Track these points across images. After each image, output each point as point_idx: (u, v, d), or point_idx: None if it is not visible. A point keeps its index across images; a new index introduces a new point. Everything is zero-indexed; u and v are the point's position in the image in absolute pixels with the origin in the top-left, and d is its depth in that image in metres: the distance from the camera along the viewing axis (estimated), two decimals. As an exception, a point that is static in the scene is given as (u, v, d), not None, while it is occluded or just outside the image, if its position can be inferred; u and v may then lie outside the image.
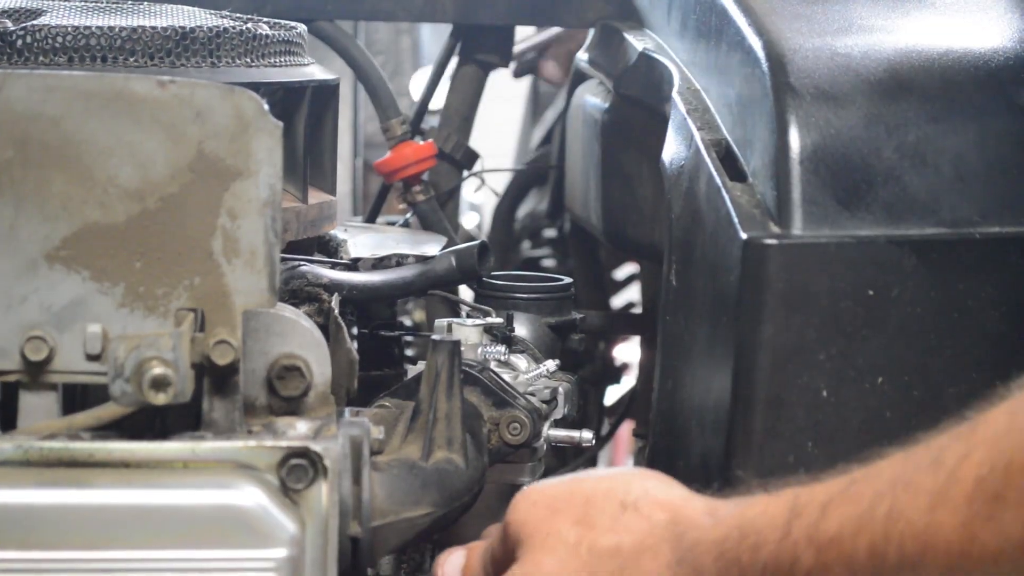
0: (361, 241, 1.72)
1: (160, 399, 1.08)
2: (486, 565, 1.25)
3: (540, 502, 1.20)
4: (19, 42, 1.43)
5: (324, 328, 1.33)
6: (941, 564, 0.92)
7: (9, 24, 1.43)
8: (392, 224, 2.11)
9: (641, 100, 1.78)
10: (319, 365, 1.21)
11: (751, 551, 1.04)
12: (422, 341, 2.02)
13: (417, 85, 2.90)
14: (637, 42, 1.81)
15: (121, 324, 1.16)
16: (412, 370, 1.61)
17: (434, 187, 2.13)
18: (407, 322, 2.30)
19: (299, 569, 1.11)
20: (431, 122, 2.22)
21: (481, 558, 1.26)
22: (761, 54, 1.38)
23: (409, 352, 1.98)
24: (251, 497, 1.10)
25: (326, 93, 1.64)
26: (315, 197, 1.61)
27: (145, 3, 1.62)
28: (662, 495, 1.16)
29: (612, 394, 2.47)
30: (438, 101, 2.24)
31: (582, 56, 2.12)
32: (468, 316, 1.71)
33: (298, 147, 1.58)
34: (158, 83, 1.15)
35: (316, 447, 1.13)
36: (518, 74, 2.71)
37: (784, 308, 1.28)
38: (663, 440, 1.50)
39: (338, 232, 1.72)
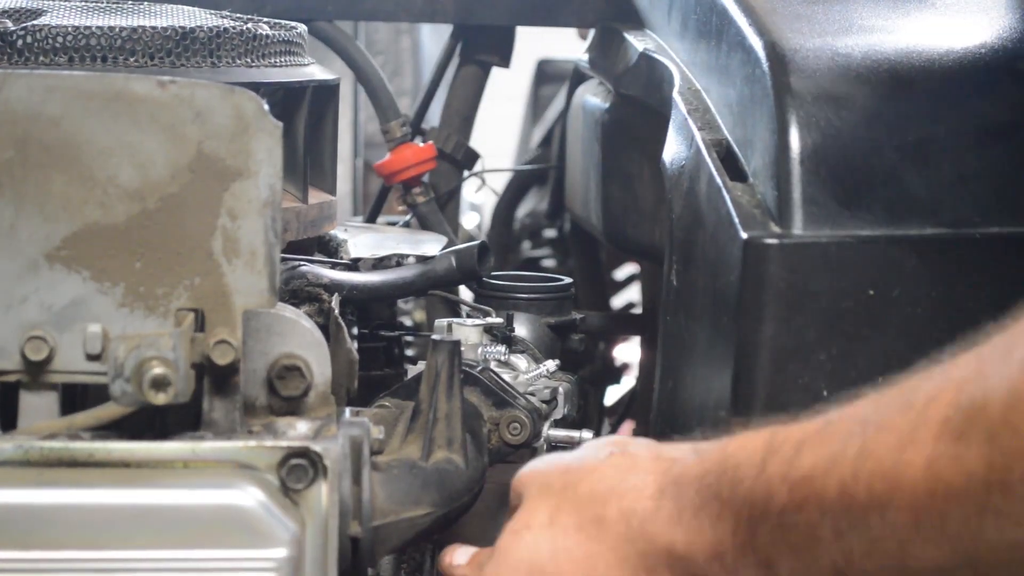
0: (361, 241, 1.72)
1: (160, 399, 1.08)
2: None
3: (540, 463, 1.23)
4: (19, 42, 1.43)
5: (324, 328, 1.33)
6: (907, 503, 0.92)
7: (9, 24, 1.43)
8: (392, 224, 2.11)
9: (642, 100, 1.78)
10: (319, 365, 1.21)
11: (730, 486, 1.05)
12: (422, 341, 2.02)
13: None
14: (637, 42, 1.81)
15: (121, 324, 1.16)
16: (412, 370, 1.61)
17: (434, 187, 2.13)
18: (407, 322, 2.30)
19: (299, 569, 1.11)
20: (431, 121, 2.22)
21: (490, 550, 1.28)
22: (762, 54, 1.38)
23: (409, 352, 1.98)
24: (251, 497, 1.10)
25: (326, 93, 1.64)
26: (315, 197, 1.61)
27: (145, 3, 1.62)
28: (650, 441, 1.19)
29: (612, 394, 2.47)
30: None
31: (582, 56, 2.12)
32: (468, 316, 1.71)
33: (298, 147, 1.58)
34: (158, 83, 1.15)
35: (316, 447, 1.13)
36: None
37: (785, 308, 1.28)
38: (663, 440, 1.50)
39: (338, 232, 1.72)
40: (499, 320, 1.65)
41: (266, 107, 1.16)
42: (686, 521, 1.09)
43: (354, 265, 1.68)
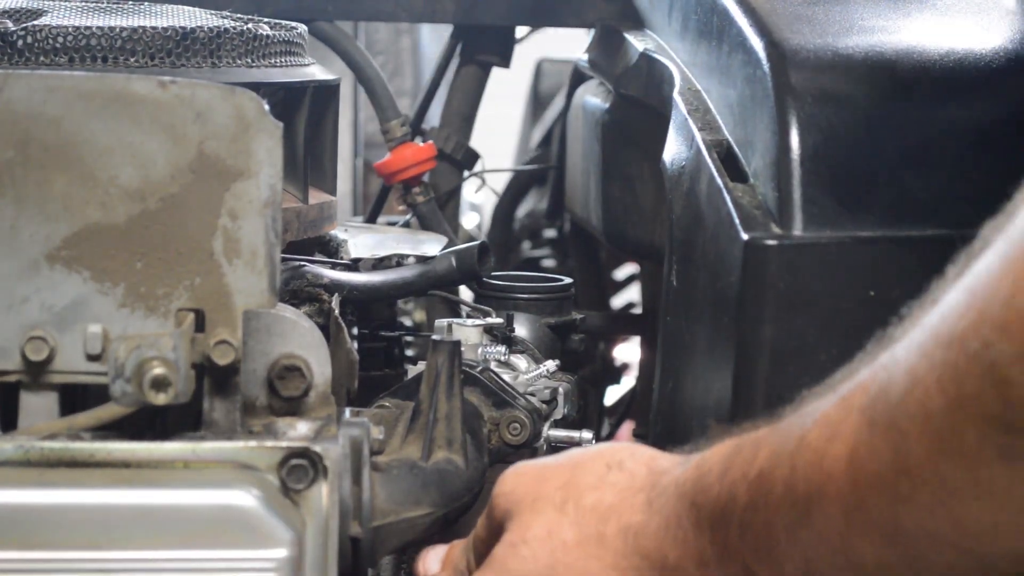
0: (361, 241, 1.72)
1: (160, 399, 1.08)
2: (469, 552, 1.26)
3: (529, 473, 1.21)
4: (20, 42, 1.43)
5: (324, 328, 1.33)
6: (837, 494, 0.92)
7: (10, 24, 1.43)
8: (392, 224, 2.11)
9: (642, 100, 1.78)
10: (319, 365, 1.21)
11: (703, 492, 1.06)
12: (422, 341, 2.02)
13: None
14: (638, 42, 1.81)
15: (122, 324, 1.16)
16: (412, 370, 1.61)
17: (434, 187, 2.13)
18: (407, 322, 2.30)
19: (299, 570, 1.11)
20: (431, 121, 2.22)
21: (463, 548, 1.27)
22: (762, 55, 1.38)
23: (409, 352, 1.98)
24: (251, 497, 1.10)
25: (326, 93, 1.64)
26: (315, 197, 1.61)
27: (145, 3, 1.62)
28: (647, 454, 1.18)
29: (612, 394, 2.47)
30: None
31: (582, 56, 2.12)
32: (468, 316, 1.71)
33: (298, 147, 1.58)
34: (159, 83, 1.15)
35: (316, 447, 1.13)
36: None
37: (785, 309, 1.28)
38: (663, 440, 1.50)
39: (338, 232, 1.72)
40: (499, 320, 1.65)
41: (266, 107, 1.16)
42: (672, 532, 1.09)
43: (354, 265, 1.68)
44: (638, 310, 2.47)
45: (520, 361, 1.64)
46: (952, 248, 1.29)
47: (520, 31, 2.31)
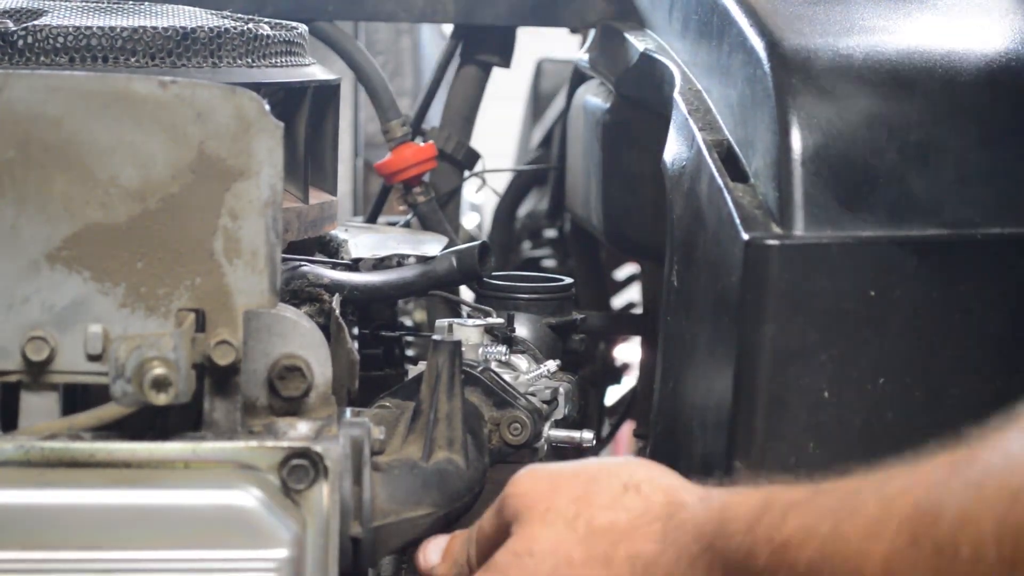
0: (362, 241, 1.72)
1: (161, 399, 1.08)
2: (470, 544, 1.26)
3: (543, 478, 1.21)
4: (20, 42, 1.43)
5: (325, 328, 1.33)
6: None
7: (10, 24, 1.43)
8: (393, 224, 2.11)
9: (642, 100, 1.78)
10: (320, 365, 1.21)
11: (723, 539, 1.06)
12: (423, 341, 2.02)
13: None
14: (638, 43, 1.81)
15: (122, 324, 1.16)
16: (413, 370, 1.61)
17: (435, 188, 2.13)
18: (408, 322, 2.30)
19: (300, 569, 1.11)
20: (431, 121, 2.22)
21: (464, 540, 1.27)
22: (763, 55, 1.38)
23: (410, 352, 1.98)
24: (252, 497, 1.10)
25: (327, 93, 1.64)
26: (316, 197, 1.61)
27: (146, 3, 1.62)
28: (664, 481, 1.18)
29: (612, 394, 2.47)
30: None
31: (582, 56, 2.12)
32: (469, 316, 1.71)
33: (299, 147, 1.58)
34: (159, 83, 1.15)
35: (317, 447, 1.13)
36: None
37: (786, 309, 1.28)
38: (664, 441, 1.50)
39: (339, 232, 1.72)
40: (500, 320, 1.65)
41: (267, 107, 1.16)
42: (683, 568, 1.09)
43: (355, 265, 1.68)
44: (638, 310, 2.47)
45: (521, 361, 1.64)
46: (952, 248, 1.30)
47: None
